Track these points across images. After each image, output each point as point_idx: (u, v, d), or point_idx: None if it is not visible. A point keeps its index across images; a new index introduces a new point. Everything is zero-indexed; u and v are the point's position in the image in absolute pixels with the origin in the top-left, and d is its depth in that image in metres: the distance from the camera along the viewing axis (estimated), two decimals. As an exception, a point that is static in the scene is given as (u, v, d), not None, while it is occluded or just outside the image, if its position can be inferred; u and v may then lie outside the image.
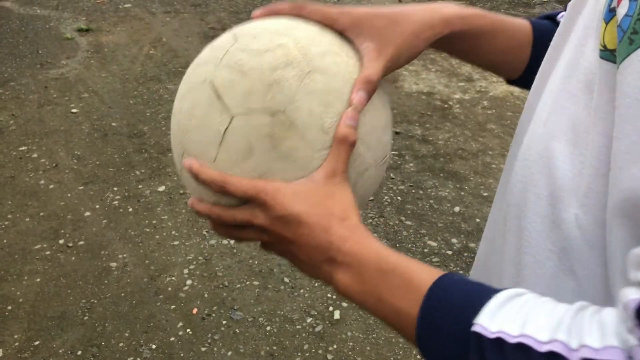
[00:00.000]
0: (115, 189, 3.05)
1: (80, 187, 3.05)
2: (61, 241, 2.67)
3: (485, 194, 2.99)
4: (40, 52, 4.83)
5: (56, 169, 3.21)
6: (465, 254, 2.58)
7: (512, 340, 0.40)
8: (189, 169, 0.59)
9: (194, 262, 2.54)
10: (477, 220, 2.80)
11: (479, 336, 0.42)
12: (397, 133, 3.55)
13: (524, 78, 0.78)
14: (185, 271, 2.49)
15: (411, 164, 3.24)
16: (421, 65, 4.43)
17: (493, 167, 3.22)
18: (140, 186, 3.07)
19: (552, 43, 0.58)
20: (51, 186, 3.07)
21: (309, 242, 0.55)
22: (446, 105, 3.89)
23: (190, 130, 0.60)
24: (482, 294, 0.45)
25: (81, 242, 2.66)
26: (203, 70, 0.61)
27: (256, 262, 2.54)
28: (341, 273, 0.54)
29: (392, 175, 3.14)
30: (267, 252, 0.65)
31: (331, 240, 0.55)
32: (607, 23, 0.45)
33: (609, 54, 0.45)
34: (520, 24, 0.75)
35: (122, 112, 3.79)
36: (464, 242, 2.66)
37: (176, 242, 2.66)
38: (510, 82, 0.81)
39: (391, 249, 0.54)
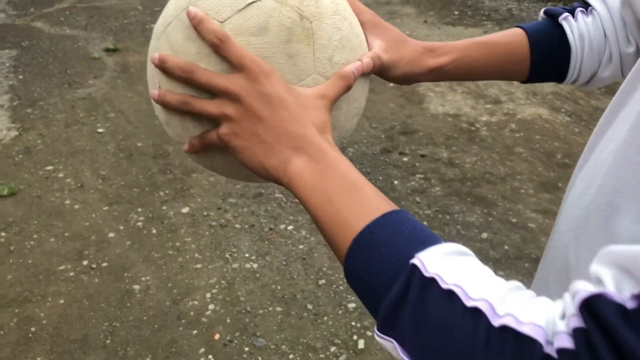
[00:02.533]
0: (140, 209, 3.05)
1: (105, 208, 3.06)
2: (85, 262, 2.67)
3: (514, 220, 2.92)
4: (68, 71, 4.90)
5: (81, 189, 3.22)
6: (494, 283, 2.51)
7: (444, 286, 0.40)
8: (194, 15, 0.57)
9: (217, 286, 2.51)
10: (506, 247, 2.73)
11: (414, 268, 0.42)
12: (422, 156, 3.51)
13: (531, 79, 0.81)
14: (208, 295, 2.47)
15: (437, 188, 3.19)
16: (447, 87, 4.38)
17: (522, 192, 3.15)
18: (164, 207, 3.06)
19: (621, 87, 0.54)
20: (76, 206, 3.08)
21: (283, 126, 0.55)
22: (473, 128, 3.84)
23: None
24: (433, 237, 0.45)
25: (105, 264, 2.66)
26: None
27: (279, 288, 2.50)
28: (301, 161, 0.54)
29: (417, 199, 3.09)
30: (206, 139, 0.61)
31: (307, 134, 0.55)
32: None
33: None
34: (513, 37, 0.79)
35: (147, 132, 3.81)
36: (493, 269, 2.59)
37: (199, 265, 2.64)
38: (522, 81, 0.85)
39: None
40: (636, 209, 0.45)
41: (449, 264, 0.42)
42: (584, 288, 0.35)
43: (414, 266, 0.42)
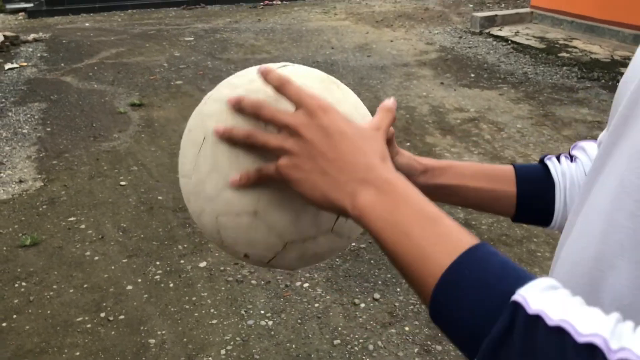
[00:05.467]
0: (158, 263, 3.09)
1: (124, 260, 3.11)
2: (102, 314, 2.70)
3: (530, 284, 2.90)
4: (94, 125, 5.06)
5: (102, 241, 3.28)
6: (511, 347, 2.48)
7: (551, 322, 0.40)
8: (264, 70, 0.64)
9: (232, 343, 2.52)
10: (523, 311, 2.71)
11: (517, 306, 0.41)
12: (439, 216, 3.53)
13: (519, 218, 0.83)
14: (223, 352, 2.47)
15: (453, 249, 3.20)
16: (463, 147, 4.44)
17: (538, 255, 3.14)
18: (182, 261, 3.10)
19: (594, 163, 0.59)
20: (96, 258, 3.13)
21: (346, 158, 0.56)
22: (489, 189, 3.87)
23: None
24: (524, 272, 0.45)
25: (122, 316, 2.68)
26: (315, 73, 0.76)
27: (294, 346, 2.50)
28: (370, 194, 0.54)
29: (434, 259, 3.09)
30: (264, 171, 0.63)
31: (372, 165, 0.55)
32: None
33: None
34: (502, 173, 0.82)
35: (168, 186, 3.90)
36: (509, 334, 2.57)
37: (214, 321, 2.65)
38: (512, 219, 0.86)
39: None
40: (631, 268, 0.49)
41: (550, 300, 0.42)
42: None
43: (516, 303, 0.42)
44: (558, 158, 0.84)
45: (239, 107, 0.65)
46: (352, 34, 8.56)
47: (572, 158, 0.84)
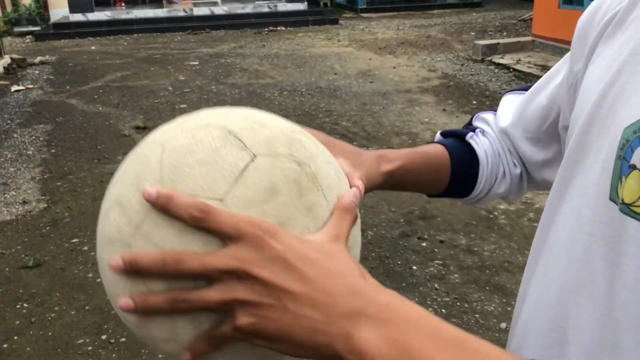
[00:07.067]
0: (160, 285, 3.08)
1: (126, 282, 3.10)
2: (104, 337, 2.69)
3: (533, 311, 2.90)
4: (99, 147, 5.10)
5: (105, 263, 3.28)
6: (514, 375, 2.47)
7: None
8: (157, 195, 0.45)
9: (233, 367, 2.50)
10: (525, 338, 2.70)
11: None
12: (441, 242, 3.53)
13: (446, 192, 0.84)
14: (224, 376, 2.45)
15: (456, 275, 3.19)
16: (465, 174, 4.47)
17: (541, 282, 3.14)
18: (184, 284, 3.10)
19: (552, 190, 0.59)
20: (98, 280, 3.13)
21: (321, 288, 0.43)
22: (491, 216, 3.88)
23: (188, 166, 0.49)
24: None
25: (123, 339, 2.67)
26: (206, 119, 0.54)
27: (296, 371, 2.48)
28: (369, 330, 0.41)
29: (436, 285, 3.09)
30: (219, 337, 0.46)
31: (357, 288, 0.44)
32: (626, 177, 0.46)
33: (627, 209, 0.45)
34: (438, 150, 0.82)
35: (171, 209, 3.91)
36: (512, 361, 2.56)
37: (216, 345, 2.64)
38: (430, 195, 0.86)
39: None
40: (591, 303, 0.50)
41: None
42: None
43: None
44: (474, 130, 0.84)
45: (135, 269, 0.46)
46: (355, 60, 8.67)
47: (482, 132, 0.84)
